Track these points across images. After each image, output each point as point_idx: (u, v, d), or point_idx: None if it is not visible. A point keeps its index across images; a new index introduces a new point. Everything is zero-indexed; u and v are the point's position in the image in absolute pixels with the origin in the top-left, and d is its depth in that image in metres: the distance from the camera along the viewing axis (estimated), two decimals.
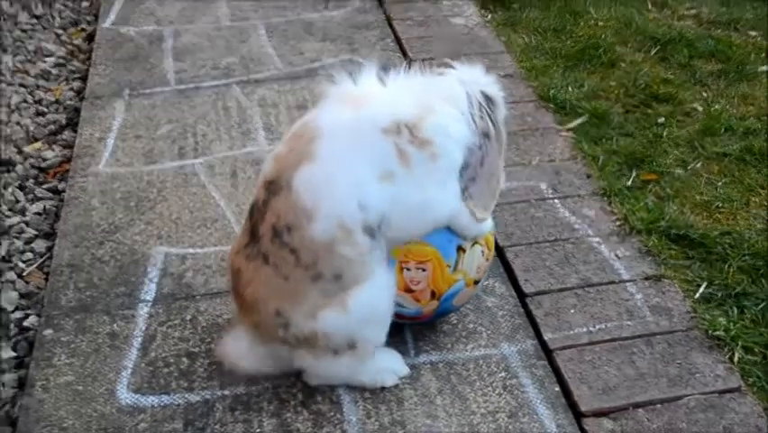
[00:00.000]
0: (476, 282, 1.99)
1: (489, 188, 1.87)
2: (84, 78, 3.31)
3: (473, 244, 1.93)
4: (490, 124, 1.84)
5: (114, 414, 1.88)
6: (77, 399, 1.92)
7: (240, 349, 1.92)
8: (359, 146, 1.73)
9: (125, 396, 1.93)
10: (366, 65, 1.80)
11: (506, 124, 1.91)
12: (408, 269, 1.87)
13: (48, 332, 2.08)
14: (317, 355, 1.84)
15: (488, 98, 1.85)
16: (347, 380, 1.93)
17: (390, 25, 3.71)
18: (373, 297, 1.79)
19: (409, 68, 1.84)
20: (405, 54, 3.45)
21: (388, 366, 1.96)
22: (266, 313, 1.80)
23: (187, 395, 1.93)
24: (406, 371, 1.98)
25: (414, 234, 1.83)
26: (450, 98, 1.81)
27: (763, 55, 3.40)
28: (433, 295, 1.92)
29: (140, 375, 1.98)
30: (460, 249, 1.91)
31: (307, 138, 1.75)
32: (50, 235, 2.48)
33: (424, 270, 1.88)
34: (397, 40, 3.58)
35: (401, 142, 1.72)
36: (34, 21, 3.70)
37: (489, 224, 1.94)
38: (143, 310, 2.17)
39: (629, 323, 2.14)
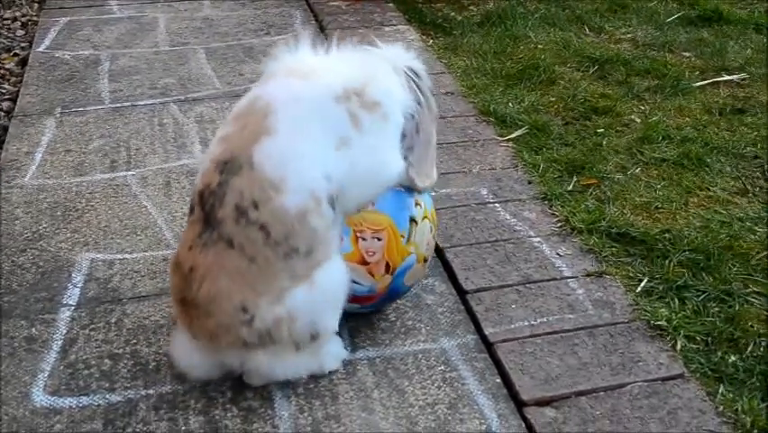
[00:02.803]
0: (425, 260, 1.96)
1: (428, 155, 1.89)
2: (14, 100, 3.22)
3: (423, 218, 1.91)
4: (420, 93, 1.86)
5: (27, 416, 1.76)
6: None
7: (187, 358, 1.81)
8: (315, 116, 1.71)
9: (41, 398, 1.81)
10: (300, 40, 1.79)
11: (432, 95, 1.93)
12: (364, 238, 1.83)
13: None
14: (276, 353, 1.74)
15: (413, 71, 1.89)
16: (296, 375, 1.83)
17: None
18: (336, 272, 1.76)
19: (333, 44, 1.84)
20: None
21: (331, 350, 1.88)
22: (227, 311, 1.67)
23: (108, 396, 1.82)
24: (346, 353, 1.92)
25: (366, 199, 1.82)
26: (384, 65, 1.84)
27: (697, 73, 3.45)
28: (387, 268, 1.87)
29: (57, 378, 1.86)
30: (412, 221, 1.88)
31: (260, 114, 1.71)
32: None
33: (379, 239, 1.84)
34: None
35: (352, 108, 1.73)
36: None
37: (435, 175, 1.94)
38: (65, 314, 2.06)
39: (571, 316, 2.09)
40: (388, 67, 1.84)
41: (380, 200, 1.85)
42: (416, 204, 1.92)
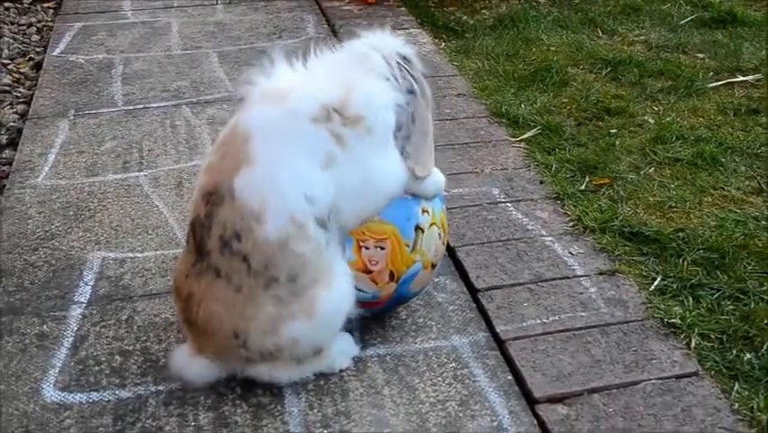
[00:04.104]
0: (433, 266, 1.93)
1: (425, 143, 1.84)
2: (28, 103, 3.24)
3: (430, 225, 1.88)
4: (412, 80, 1.81)
5: (37, 412, 1.76)
6: None
7: (191, 367, 1.80)
8: (293, 139, 1.67)
9: (51, 394, 1.81)
10: (275, 56, 1.74)
11: (425, 81, 1.87)
12: (367, 247, 1.81)
13: None
14: (278, 367, 1.75)
15: (403, 58, 1.82)
16: (303, 378, 1.83)
17: None
18: (338, 295, 1.74)
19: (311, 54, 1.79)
20: None
21: (341, 349, 1.87)
22: (222, 335, 1.70)
23: (117, 391, 1.82)
24: (356, 350, 1.91)
25: (367, 213, 1.79)
26: (367, 67, 1.77)
27: (711, 74, 3.43)
28: (391, 277, 1.85)
29: (68, 374, 1.86)
30: (418, 229, 1.86)
31: (239, 142, 1.68)
32: None
33: (382, 248, 1.82)
34: None
35: (334, 127, 1.68)
36: None
37: (441, 180, 1.92)
38: (76, 312, 2.06)
39: (583, 314, 2.07)
40: (369, 66, 1.76)
41: (385, 209, 1.82)
42: (424, 211, 1.88)
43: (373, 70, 1.76)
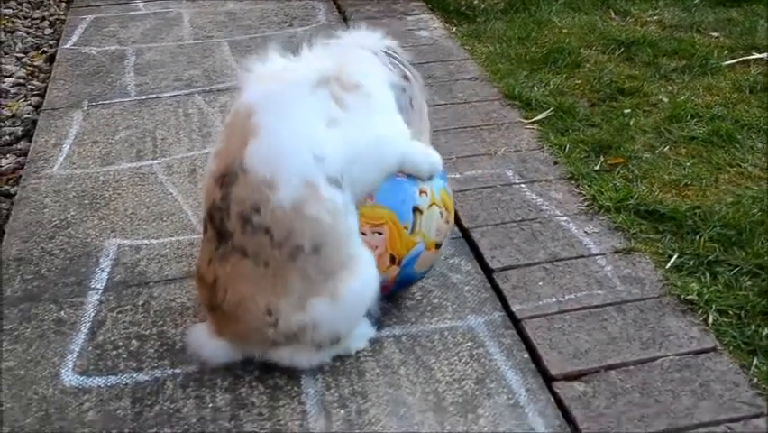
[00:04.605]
0: (437, 246, 1.92)
1: (425, 126, 1.90)
2: (42, 95, 3.25)
3: (430, 206, 1.86)
4: (404, 67, 1.86)
5: (56, 395, 1.78)
6: (17, 383, 1.81)
7: (209, 346, 1.81)
8: (295, 104, 1.70)
9: (70, 378, 1.82)
10: (270, 48, 1.79)
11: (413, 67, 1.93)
12: (364, 233, 1.79)
13: None
14: (299, 351, 1.76)
15: (390, 50, 1.89)
16: (321, 362, 1.83)
17: None
18: (362, 283, 1.74)
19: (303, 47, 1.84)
20: None
21: (358, 331, 1.87)
22: (254, 315, 1.70)
23: (135, 375, 1.83)
24: (373, 332, 1.90)
25: (374, 178, 1.79)
26: (358, 54, 1.84)
27: (726, 52, 3.39)
28: (392, 260, 1.84)
29: (86, 358, 1.88)
30: (416, 210, 1.84)
31: (243, 119, 1.70)
32: None
33: (380, 233, 1.81)
34: None
35: (333, 90, 1.72)
36: None
37: (436, 160, 1.89)
38: (93, 298, 2.07)
39: (599, 292, 2.06)
40: (362, 52, 1.83)
41: (379, 194, 1.81)
42: (422, 192, 1.87)
43: (367, 52, 1.84)
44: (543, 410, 1.72)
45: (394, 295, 2.01)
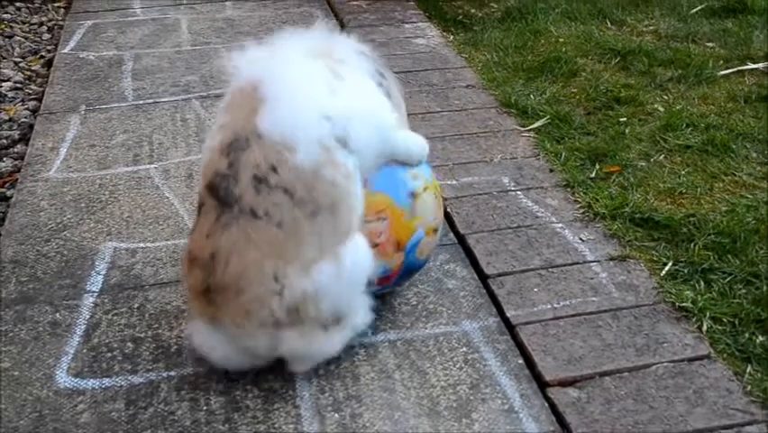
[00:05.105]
0: (435, 231, 1.95)
1: (403, 119, 1.96)
2: (40, 99, 3.26)
3: (424, 190, 1.90)
4: (379, 67, 1.92)
5: (50, 397, 1.78)
6: (11, 384, 1.81)
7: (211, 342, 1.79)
8: (299, 73, 1.76)
9: (64, 380, 1.82)
10: (247, 48, 1.83)
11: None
12: (369, 221, 1.81)
13: None
14: (306, 334, 1.73)
15: (360, 52, 1.92)
16: (335, 350, 1.83)
17: None
18: (360, 251, 1.76)
19: None
20: None
21: (361, 309, 1.86)
22: (259, 281, 1.66)
23: (130, 377, 1.83)
24: (370, 318, 1.88)
25: (375, 147, 1.81)
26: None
27: (721, 62, 3.41)
28: (397, 246, 1.86)
29: (81, 360, 1.88)
30: (412, 195, 1.88)
31: (249, 93, 1.73)
32: None
33: (384, 218, 1.84)
34: None
35: (327, 62, 1.79)
36: None
37: (426, 143, 1.95)
38: (88, 300, 2.07)
39: (594, 299, 2.07)
40: (339, 47, 1.89)
41: (376, 181, 1.83)
42: (414, 177, 1.90)
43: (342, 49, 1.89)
44: (537, 416, 1.73)
45: (389, 299, 2.01)
